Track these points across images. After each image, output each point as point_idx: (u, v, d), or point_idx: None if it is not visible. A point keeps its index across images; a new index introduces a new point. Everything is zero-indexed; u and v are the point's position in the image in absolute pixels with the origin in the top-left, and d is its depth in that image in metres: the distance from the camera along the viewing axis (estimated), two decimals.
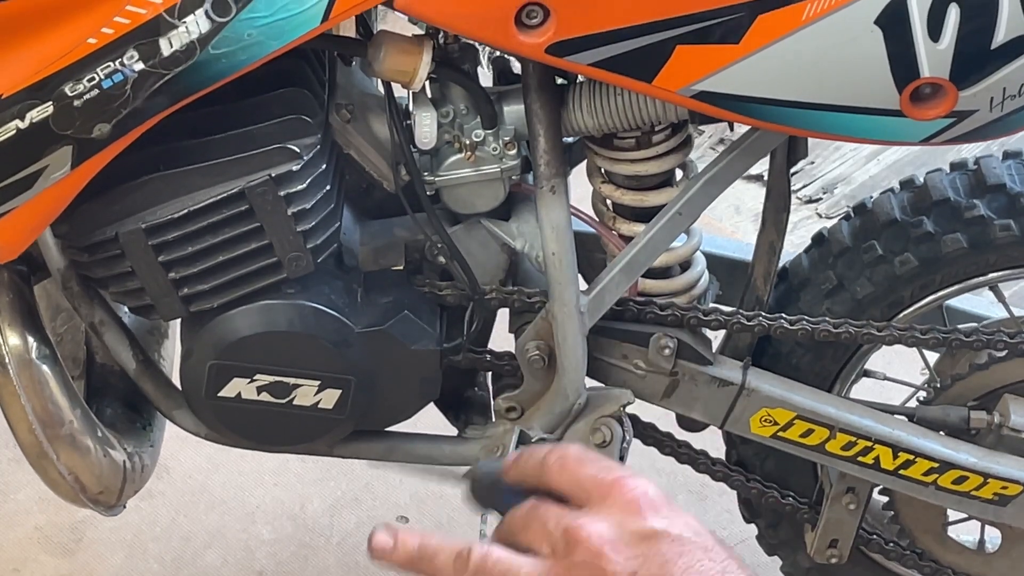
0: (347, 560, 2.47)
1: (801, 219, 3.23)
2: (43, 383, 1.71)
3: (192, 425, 1.82)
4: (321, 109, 1.64)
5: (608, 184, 1.79)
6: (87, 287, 1.71)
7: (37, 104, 1.41)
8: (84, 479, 1.75)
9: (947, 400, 1.90)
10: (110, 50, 1.39)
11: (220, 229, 1.59)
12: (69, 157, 1.44)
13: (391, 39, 1.58)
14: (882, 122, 1.52)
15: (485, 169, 1.70)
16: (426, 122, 1.64)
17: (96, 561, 2.47)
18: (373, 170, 1.72)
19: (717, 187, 1.71)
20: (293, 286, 1.66)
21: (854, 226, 1.86)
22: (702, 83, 1.51)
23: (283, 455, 2.61)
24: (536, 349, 1.79)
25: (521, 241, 1.77)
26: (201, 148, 1.58)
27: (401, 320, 1.71)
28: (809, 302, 1.87)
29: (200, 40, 1.41)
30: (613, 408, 1.81)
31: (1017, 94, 1.51)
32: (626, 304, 1.79)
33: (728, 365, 1.85)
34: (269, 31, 1.42)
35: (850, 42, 1.47)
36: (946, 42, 1.46)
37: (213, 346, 1.67)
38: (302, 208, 1.58)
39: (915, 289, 1.83)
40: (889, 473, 1.86)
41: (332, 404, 1.72)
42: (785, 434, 1.86)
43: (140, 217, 1.58)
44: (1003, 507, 1.87)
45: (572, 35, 1.48)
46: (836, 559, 1.99)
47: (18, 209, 1.47)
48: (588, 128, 1.68)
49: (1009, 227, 1.77)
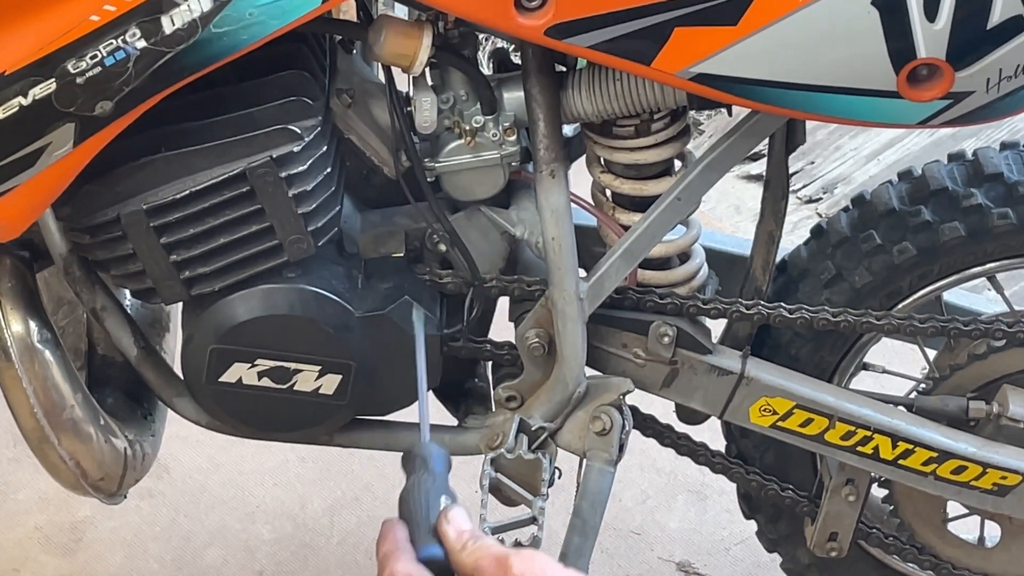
0: (347, 560, 2.47)
1: (801, 219, 3.24)
2: (45, 368, 1.72)
3: (193, 413, 1.82)
4: (322, 92, 1.65)
5: (607, 173, 1.80)
6: (89, 272, 1.72)
7: (40, 81, 1.41)
8: (85, 464, 1.76)
9: (946, 391, 1.90)
10: (112, 27, 1.40)
11: (221, 211, 1.60)
12: (71, 135, 1.45)
13: (391, 23, 1.59)
14: (879, 104, 1.53)
15: (485, 155, 1.71)
16: (426, 106, 1.65)
17: (96, 561, 2.47)
18: (374, 155, 1.73)
19: (716, 172, 1.71)
20: (294, 270, 1.67)
21: (852, 217, 1.87)
22: (700, 65, 1.52)
23: (283, 455, 2.62)
24: (536, 337, 1.79)
25: (521, 228, 1.78)
26: (203, 130, 1.59)
27: (401, 305, 1.71)
28: (808, 293, 1.87)
29: (202, 19, 1.42)
30: (613, 396, 1.81)
31: (1013, 75, 1.51)
32: (626, 292, 1.80)
33: (727, 354, 1.85)
34: (270, 10, 1.43)
35: (847, 23, 1.48)
36: (942, 22, 1.47)
37: (214, 330, 1.68)
38: (303, 190, 1.59)
39: (913, 279, 1.83)
40: (888, 463, 1.86)
41: (333, 390, 1.72)
42: (784, 424, 1.86)
43: (142, 198, 1.58)
44: (1002, 497, 1.87)
45: (571, 17, 1.49)
46: (836, 552, 1.99)
47: (20, 187, 1.47)
48: (587, 114, 1.69)
49: (1007, 216, 1.78)
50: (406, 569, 1.13)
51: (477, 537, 1.15)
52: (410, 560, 1.14)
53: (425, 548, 1.16)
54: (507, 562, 1.10)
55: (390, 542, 1.16)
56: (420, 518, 1.18)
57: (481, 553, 1.13)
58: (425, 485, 1.21)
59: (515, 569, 1.10)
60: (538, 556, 1.11)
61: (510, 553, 1.11)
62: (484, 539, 1.14)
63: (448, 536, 1.16)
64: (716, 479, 2.06)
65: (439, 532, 1.16)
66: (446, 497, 1.20)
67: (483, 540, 1.14)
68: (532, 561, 1.10)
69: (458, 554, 1.14)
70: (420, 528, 1.17)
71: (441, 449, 1.25)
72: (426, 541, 1.16)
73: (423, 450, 1.24)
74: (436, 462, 1.24)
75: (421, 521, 1.17)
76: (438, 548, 1.16)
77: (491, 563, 1.12)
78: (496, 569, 1.11)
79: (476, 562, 1.13)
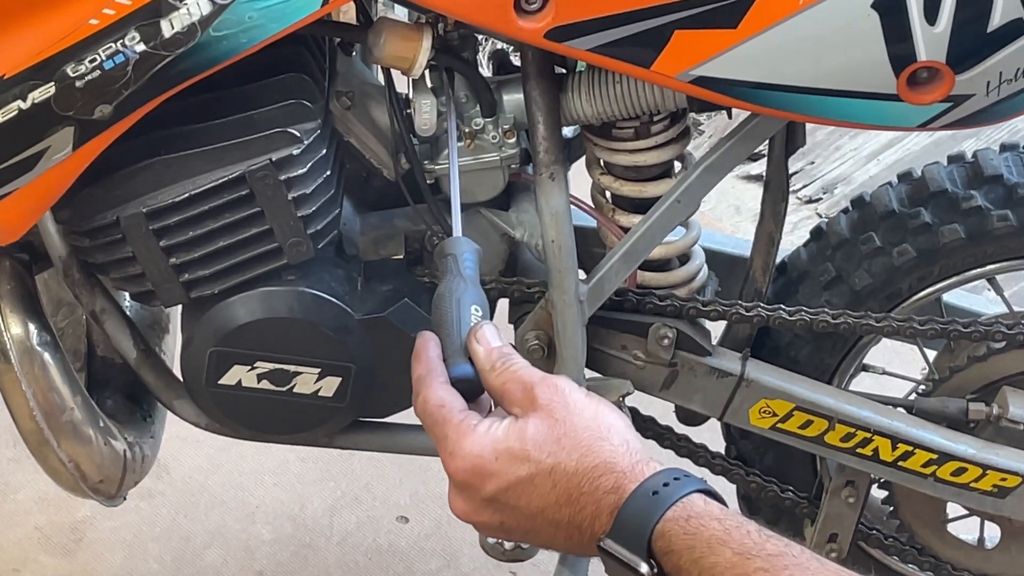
0: (347, 560, 2.47)
1: (801, 219, 3.24)
2: (45, 370, 1.72)
3: (193, 415, 1.82)
4: (321, 95, 1.65)
5: (607, 175, 1.79)
6: (88, 275, 1.72)
7: (39, 85, 1.41)
8: (84, 467, 1.76)
9: (946, 392, 1.90)
10: (112, 31, 1.40)
11: (221, 214, 1.60)
12: (71, 138, 1.45)
13: (391, 25, 1.59)
14: (879, 107, 1.53)
15: (484, 157, 1.71)
16: (426, 108, 1.65)
17: (96, 561, 2.47)
18: (373, 158, 1.73)
19: (716, 174, 1.71)
20: (293, 273, 1.67)
21: (852, 218, 1.87)
22: (700, 68, 1.52)
23: (283, 455, 2.62)
24: (535, 339, 1.79)
25: (521, 231, 1.78)
26: (202, 133, 1.59)
27: (401, 307, 1.71)
28: (807, 295, 1.87)
29: (201, 22, 1.41)
30: (613, 398, 1.81)
31: (1013, 78, 1.51)
32: (625, 294, 1.80)
33: (727, 356, 1.85)
34: (270, 13, 1.43)
35: (847, 26, 1.48)
36: (942, 25, 1.47)
37: (214, 333, 1.67)
38: (302, 193, 1.59)
39: (913, 281, 1.83)
40: (888, 465, 1.86)
41: (332, 392, 1.72)
42: (784, 425, 1.86)
43: (141, 201, 1.58)
44: (1002, 499, 1.87)
45: (571, 20, 1.49)
46: (836, 554, 1.99)
47: (19, 190, 1.47)
48: (587, 116, 1.68)
49: (1007, 218, 1.78)
50: (437, 395, 1.14)
51: (506, 356, 1.16)
52: (442, 384, 1.15)
53: (456, 367, 1.15)
54: (533, 392, 1.12)
55: (423, 364, 1.17)
56: (452, 333, 1.17)
57: (508, 376, 1.14)
58: (456, 292, 1.20)
59: (541, 399, 1.11)
60: (563, 384, 1.13)
61: (536, 382, 1.12)
62: (513, 360, 1.15)
63: (478, 355, 1.16)
64: (716, 480, 2.05)
65: (469, 350, 1.17)
66: (476, 308, 1.19)
67: (512, 361, 1.15)
68: (556, 390, 1.12)
69: (487, 374, 1.15)
70: (452, 345, 1.17)
71: (472, 244, 1.24)
72: (457, 359, 1.16)
73: (455, 247, 1.23)
74: (467, 263, 1.22)
75: (453, 337, 1.17)
76: (469, 367, 1.16)
77: (518, 388, 1.13)
78: (522, 396, 1.13)
79: (503, 385, 1.14)
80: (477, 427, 1.12)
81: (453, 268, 1.22)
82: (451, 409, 1.13)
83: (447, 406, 1.13)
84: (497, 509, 1.12)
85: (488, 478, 1.11)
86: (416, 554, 2.47)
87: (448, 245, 1.24)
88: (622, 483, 1.07)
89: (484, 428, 1.12)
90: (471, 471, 1.11)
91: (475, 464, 1.11)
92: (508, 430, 1.11)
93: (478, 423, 1.13)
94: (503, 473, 1.10)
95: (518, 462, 1.10)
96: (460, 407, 1.14)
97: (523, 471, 1.10)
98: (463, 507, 1.14)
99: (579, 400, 1.12)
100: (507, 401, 1.14)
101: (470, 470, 1.11)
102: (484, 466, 1.10)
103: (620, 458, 1.09)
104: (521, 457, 1.10)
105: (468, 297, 1.20)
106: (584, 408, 1.11)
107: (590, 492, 1.08)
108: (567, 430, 1.10)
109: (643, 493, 1.06)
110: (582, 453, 1.09)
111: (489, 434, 1.11)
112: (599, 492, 1.08)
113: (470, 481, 1.11)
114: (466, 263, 1.23)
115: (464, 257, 1.23)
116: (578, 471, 1.08)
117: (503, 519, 1.13)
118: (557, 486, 1.09)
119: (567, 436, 1.10)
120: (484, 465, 1.10)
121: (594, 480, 1.08)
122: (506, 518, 1.12)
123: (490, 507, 1.12)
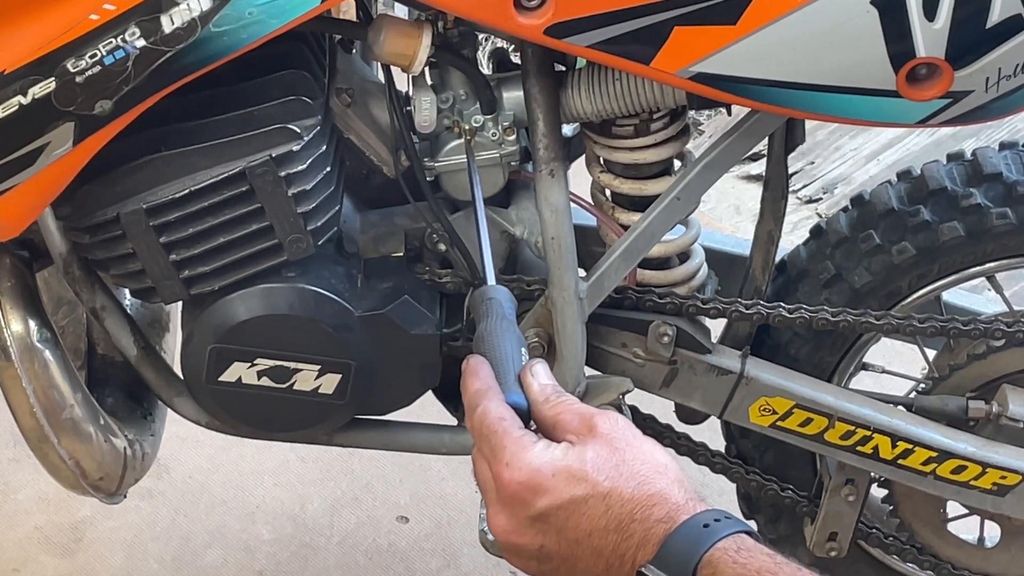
0: (347, 560, 2.47)
1: (801, 219, 3.24)
2: (45, 368, 1.72)
3: (193, 412, 1.82)
4: (321, 92, 1.65)
5: (607, 173, 1.80)
6: (89, 272, 1.72)
7: (39, 80, 1.41)
8: (85, 464, 1.76)
9: (946, 390, 1.91)
10: (112, 26, 1.40)
11: (221, 210, 1.60)
12: (71, 134, 1.45)
13: (391, 22, 1.59)
14: (879, 103, 1.53)
15: (484, 155, 1.71)
16: (425, 105, 1.65)
17: (96, 561, 2.47)
18: (373, 155, 1.73)
19: (715, 172, 1.71)
20: (293, 269, 1.67)
21: (852, 217, 1.87)
22: (700, 64, 1.52)
23: (283, 455, 2.62)
24: (535, 336, 1.79)
25: (520, 228, 1.78)
26: (202, 129, 1.59)
27: (401, 304, 1.71)
28: (807, 293, 1.87)
29: (201, 18, 1.42)
30: (612, 396, 1.81)
31: (1012, 74, 1.51)
32: (625, 292, 1.80)
33: (727, 354, 1.86)
34: (269, 9, 1.43)
35: (846, 22, 1.48)
36: (941, 22, 1.47)
37: (214, 329, 1.68)
38: (302, 189, 1.59)
39: (913, 279, 1.83)
40: (888, 462, 1.86)
41: (332, 389, 1.72)
42: (784, 423, 1.86)
43: (142, 197, 1.58)
44: (1002, 497, 1.87)
45: (570, 16, 1.49)
46: (835, 552, 1.99)
47: (20, 186, 1.47)
48: (587, 113, 1.69)
49: (1006, 215, 1.78)
50: (498, 410, 1.16)
51: (560, 392, 1.18)
52: (501, 402, 1.17)
53: (510, 395, 1.17)
54: (592, 420, 1.14)
55: (481, 380, 1.19)
56: (505, 365, 1.20)
57: (563, 408, 1.16)
58: (503, 331, 1.24)
59: (601, 427, 1.13)
60: (620, 418, 1.15)
61: (595, 412, 1.15)
62: (567, 396, 1.18)
63: (532, 388, 1.19)
64: (716, 479, 2.06)
65: (523, 383, 1.19)
66: (524, 349, 1.23)
67: (566, 396, 1.18)
68: (616, 422, 1.14)
69: (540, 406, 1.17)
70: (506, 375, 1.19)
71: (507, 291, 1.28)
72: (510, 389, 1.18)
73: (493, 293, 1.26)
74: (508, 307, 1.26)
75: (508, 368, 1.20)
76: (521, 397, 1.18)
77: (574, 418, 1.15)
78: (579, 425, 1.14)
79: (558, 416, 1.16)
80: (536, 443, 1.13)
81: (497, 311, 1.26)
82: (512, 423, 1.15)
83: (508, 420, 1.15)
84: (541, 530, 1.12)
85: (542, 493, 1.11)
86: (416, 554, 2.47)
87: (488, 291, 1.29)
88: (675, 515, 1.08)
89: (543, 446, 1.13)
90: (526, 483, 1.11)
91: (532, 476, 1.11)
92: (567, 451, 1.12)
93: (537, 440, 1.14)
94: (558, 490, 1.11)
95: (575, 481, 1.10)
96: (520, 424, 1.16)
97: (579, 491, 1.10)
98: (505, 524, 1.13)
99: (637, 435, 1.14)
100: (560, 430, 1.15)
101: (525, 482, 1.11)
102: (541, 481, 1.11)
103: (674, 492, 1.10)
104: (579, 477, 1.10)
105: (516, 337, 1.24)
106: (642, 443, 1.13)
107: (641, 520, 1.09)
108: (626, 458, 1.11)
109: (694, 524, 1.08)
110: (639, 482, 1.10)
111: (548, 451, 1.12)
112: (650, 520, 1.08)
113: (522, 494, 1.12)
114: (507, 308, 1.27)
115: (504, 303, 1.27)
116: (633, 498, 1.09)
117: (544, 542, 1.12)
118: (610, 510, 1.10)
119: (626, 464, 1.11)
120: (541, 480, 1.11)
121: (647, 508, 1.09)
122: (548, 541, 1.12)
123: (535, 526, 1.12)
